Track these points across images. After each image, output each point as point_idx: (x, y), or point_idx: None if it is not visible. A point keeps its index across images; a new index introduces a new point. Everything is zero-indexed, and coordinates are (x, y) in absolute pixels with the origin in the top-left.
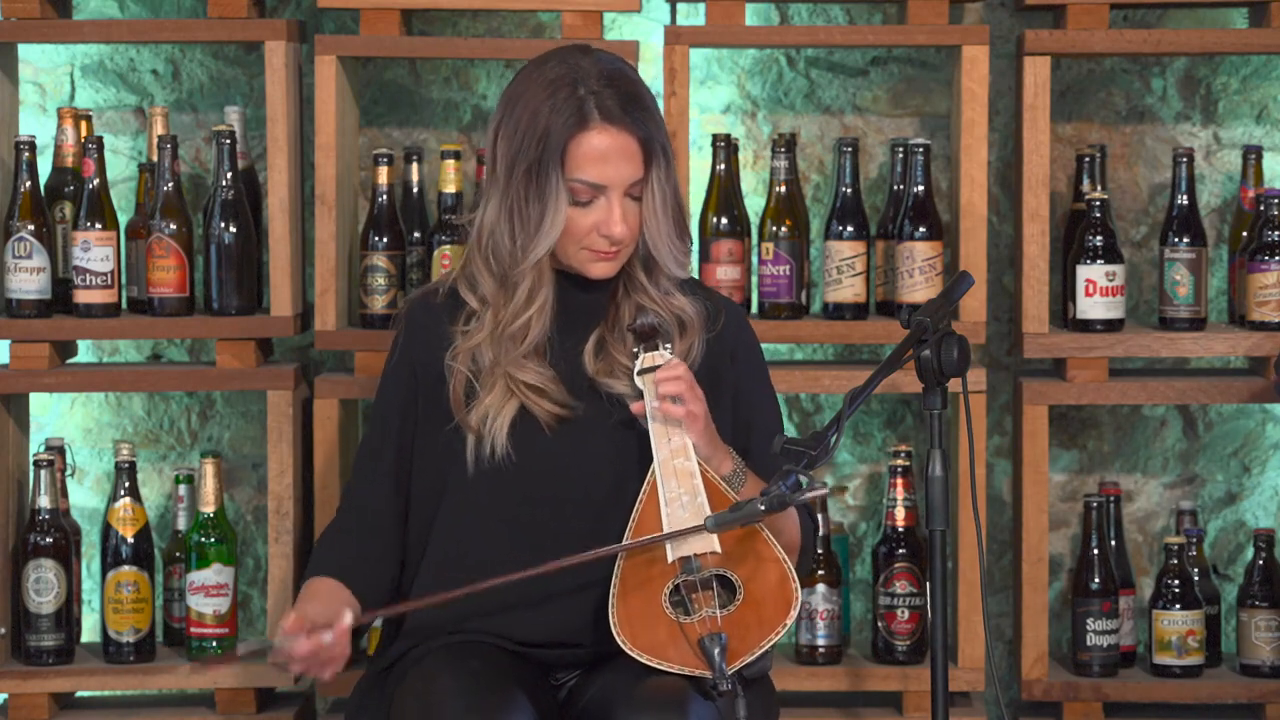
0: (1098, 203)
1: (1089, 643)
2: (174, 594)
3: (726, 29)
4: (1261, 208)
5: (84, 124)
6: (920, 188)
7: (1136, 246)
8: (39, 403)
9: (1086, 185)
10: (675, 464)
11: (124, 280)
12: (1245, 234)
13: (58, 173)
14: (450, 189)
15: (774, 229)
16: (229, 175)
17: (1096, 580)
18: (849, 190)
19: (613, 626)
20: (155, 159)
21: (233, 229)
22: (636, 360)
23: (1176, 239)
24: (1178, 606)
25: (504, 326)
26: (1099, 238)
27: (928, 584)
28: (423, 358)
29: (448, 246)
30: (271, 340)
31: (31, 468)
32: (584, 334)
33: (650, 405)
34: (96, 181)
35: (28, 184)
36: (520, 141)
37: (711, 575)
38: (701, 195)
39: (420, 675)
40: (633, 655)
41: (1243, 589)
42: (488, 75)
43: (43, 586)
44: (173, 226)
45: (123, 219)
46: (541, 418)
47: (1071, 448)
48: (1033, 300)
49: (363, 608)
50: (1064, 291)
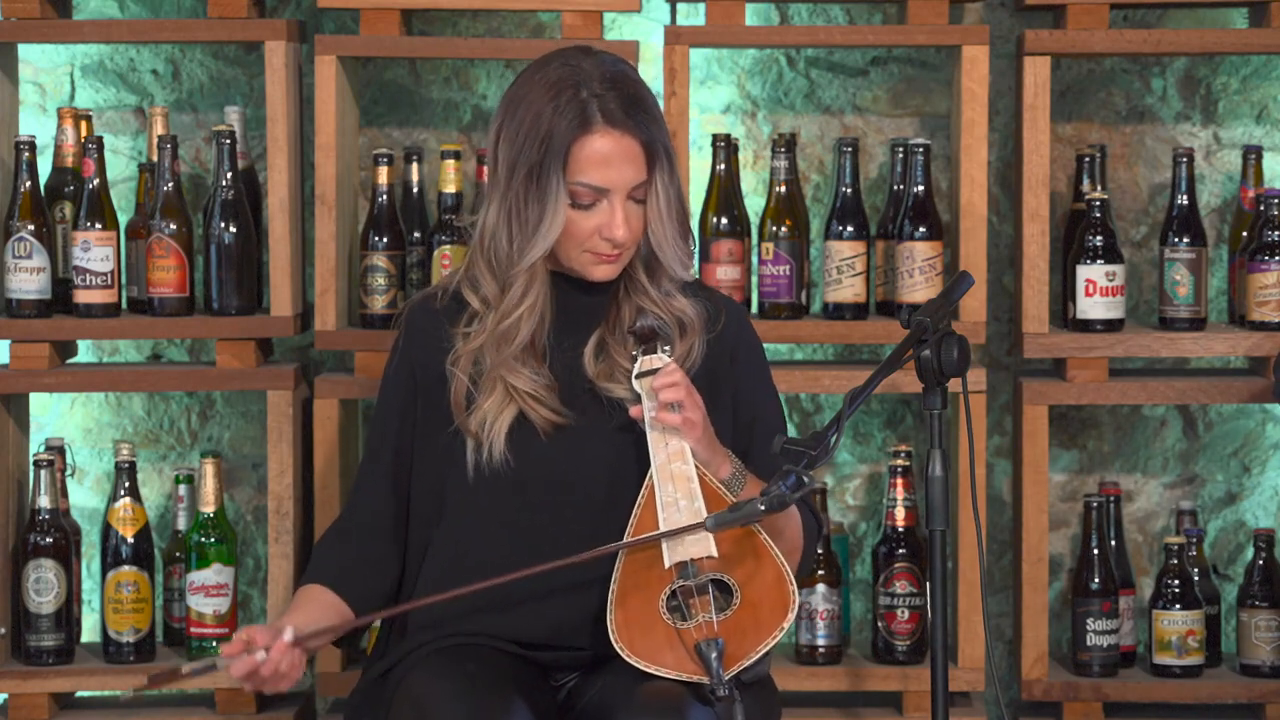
0: (1098, 203)
1: (1089, 643)
2: (174, 594)
3: (726, 29)
4: (1261, 208)
5: (84, 124)
6: (920, 188)
7: (1136, 246)
8: (39, 403)
9: (1086, 185)
10: (672, 468)
11: (124, 280)
12: (1245, 234)
13: (58, 173)
14: (450, 189)
15: (774, 229)
16: (229, 175)
17: (1096, 580)
18: (849, 190)
19: (611, 633)
20: (155, 159)
21: (233, 229)
22: (635, 364)
23: (1176, 239)
24: (1178, 606)
25: (498, 326)
26: (1099, 238)
27: (928, 584)
28: (423, 361)
29: (448, 246)
30: (271, 340)
31: (31, 468)
32: (583, 336)
33: (647, 410)
34: (96, 181)
35: (28, 184)
36: (522, 144)
37: (708, 580)
38: (702, 195)
39: (419, 678)
40: (630, 662)
41: (1243, 589)
42: (488, 75)
43: (43, 586)
44: (173, 226)
45: (123, 219)
46: (538, 424)
47: (1071, 448)
48: (1033, 300)
49: (358, 612)
50: (1064, 291)
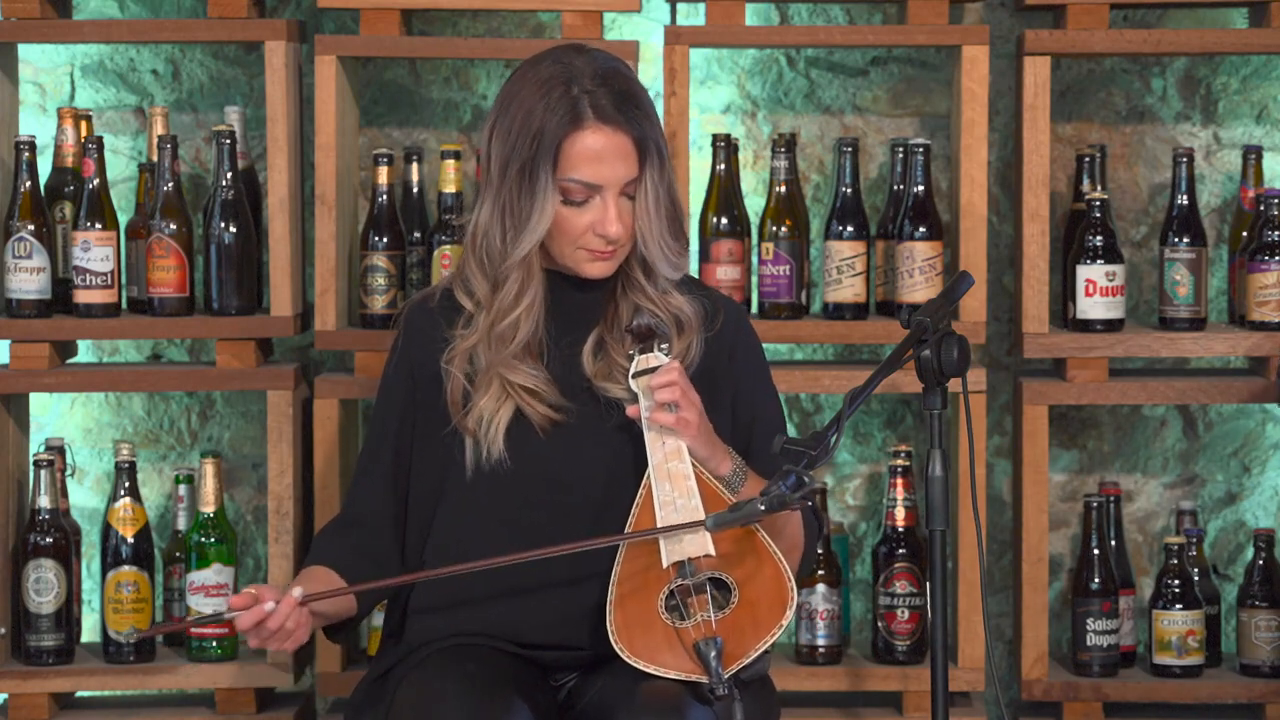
0: (1098, 203)
1: (1089, 643)
2: (174, 594)
3: (726, 29)
4: (1261, 208)
5: (84, 124)
6: (920, 188)
7: (1136, 246)
8: (39, 403)
9: (1086, 185)
10: (669, 467)
11: (124, 280)
12: (1245, 234)
13: (58, 173)
14: (450, 189)
15: (774, 229)
16: (229, 175)
17: (1096, 580)
18: (849, 190)
19: (610, 633)
20: (155, 159)
21: (233, 229)
22: (633, 362)
23: (1176, 239)
24: (1178, 606)
25: (494, 326)
26: (1099, 238)
27: (928, 584)
28: (421, 360)
29: (448, 246)
30: (271, 340)
31: (31, 468)
32: (581, 334)
33: (644, 410)
34: (96, 181)
35: (28, 184)
36: (514, 141)
37: (706, 579)
38: (701, 195)
39: (419, 678)
40: (630, 662)
41: (1243, 589)
42: (488, 75)
43: (43, 586)
44: (173, 226)
45: (123, 219)
46: (535, 420)
47: (1071, 448)
48: (1033, 300)
49: (358, 600)
50: (1064, 291)
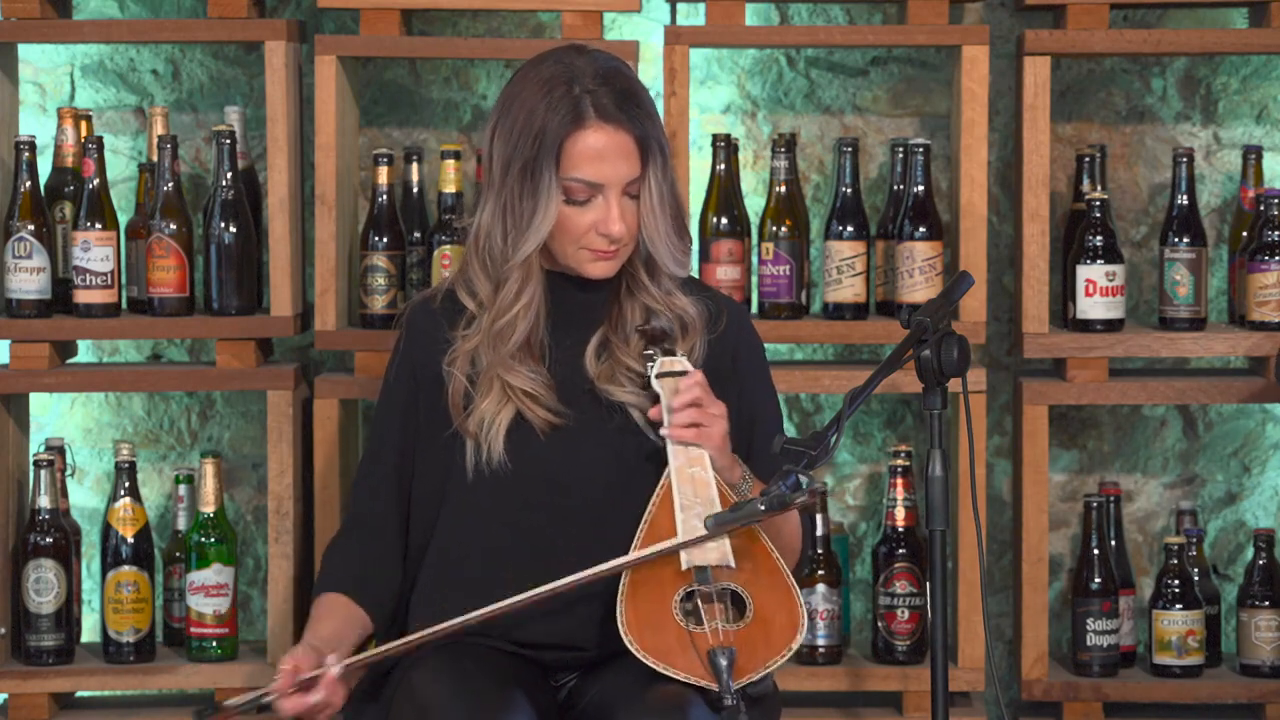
0: (1098, 203)
1: (1089, 643)
2: (174, 594)
3: (726, 29)
4: (1261, 208)
5: (84, 124)
6: (920, 188)
7: (1136, 246)
8: (39, 403)
9: (1086, 185)
10: (691, 472)
11: (124, 280)
12: (1245, 234)
13: (58, 173)
14: (450, 189)
15: (774, 229)
16: (229, 175)
17: (1096, 580)
18: (849, 190)
19: (621, 628)
20: (155, 159)
21: (233, 229)
22: (652, 364)
23: (1176, 239)
24: (1178, 606)
25: (493, 325)
26: (1099, 238)
27: (928, 584)
28: (423, 361)
29: (448, 246)
30: (271, 340)
31: (31, 468)
32: (583, 335)
33: (666, 412)
34: (96, 181)
35: (28, 184)
36: (516, 141)
37: (724, 589)
38: (701, 195)
39: (419, 677)
40: (640, 658)
41: (1243, 589)
42: (488, 75)
43: (43, 586)
44: (173, 226)
45: (123, 219)
46: (535, 423)
47: (1071, 448)
48: (1033, 300)
49: (374, 618)
50: (1064, 291)
